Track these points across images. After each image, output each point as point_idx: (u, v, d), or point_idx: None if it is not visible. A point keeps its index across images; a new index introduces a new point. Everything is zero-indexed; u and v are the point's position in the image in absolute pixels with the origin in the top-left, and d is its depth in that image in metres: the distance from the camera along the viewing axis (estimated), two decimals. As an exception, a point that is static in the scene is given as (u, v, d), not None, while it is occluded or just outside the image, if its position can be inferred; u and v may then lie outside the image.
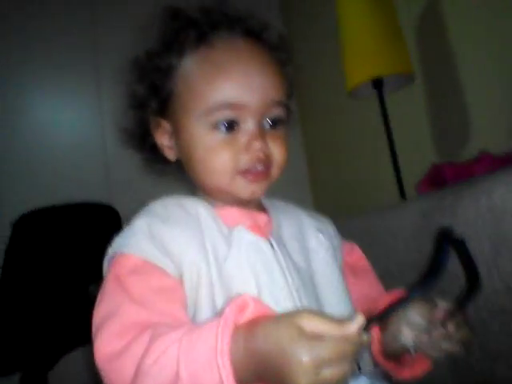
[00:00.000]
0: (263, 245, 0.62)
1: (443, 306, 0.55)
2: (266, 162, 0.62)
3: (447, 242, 0.48)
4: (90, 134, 2.24)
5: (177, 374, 0.46)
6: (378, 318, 0.46)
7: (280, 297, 0.58)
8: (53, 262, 1.61)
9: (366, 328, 0.43)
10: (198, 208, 0.63)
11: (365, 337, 0.43)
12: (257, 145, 0.60)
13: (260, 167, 0.61)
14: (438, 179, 1.21)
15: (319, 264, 0.66)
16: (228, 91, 0.60)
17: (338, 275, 0.67)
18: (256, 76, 0.62)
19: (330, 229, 0.73)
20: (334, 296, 0.64)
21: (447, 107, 1.50)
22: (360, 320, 0.43)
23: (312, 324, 0.43)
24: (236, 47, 0.63)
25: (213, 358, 0.45)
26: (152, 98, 0.66)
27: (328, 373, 0.41)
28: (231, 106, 0.60)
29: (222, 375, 0.44)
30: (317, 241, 0.68)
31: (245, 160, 0.61)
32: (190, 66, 0.63)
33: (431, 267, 0.48)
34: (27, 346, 1.51)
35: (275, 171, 0.64)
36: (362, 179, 1.98)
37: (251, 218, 0.65)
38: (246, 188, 0.62)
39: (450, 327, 0.55)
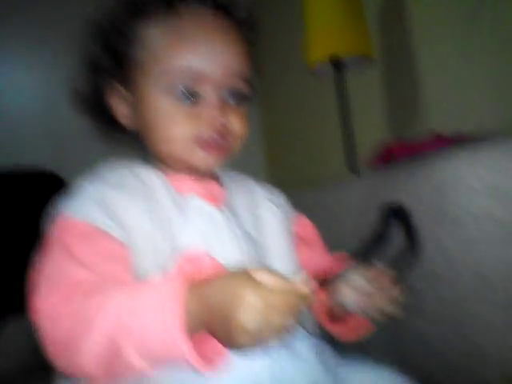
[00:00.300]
0: (216, 214, 0.62)
1: (383, 269, 0.59)
2: (225, 134, 0.62)
3: (394, 215, 0.51)
4: (35, 94, 2.12)
5: (122, 323, 0.46)
6: (323, 281, 0.48)
7: (231, 264, 0.57)
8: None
9: (316, 287, 0.45)
10: (149, 175, 0.63)
11: (309, 290, 0.44)
12: (217, 116, 0.61)
13: (219, 139, 0.61)
14: (389, 158, 1.26)
15: (270, 234, 0.67)
16: (191, 59, 0.60)
17: (288, 245, 0.68)
18: (221, 48, 0.61)
19: (282, 200, 0.74)
20: (283, 265, 0.65)
21: (403, 90, 1.56)
22: (304, 277, 0.45)
23: (264, 276, 0.45)
24: (204, 19, 0.63)
25: (163, 305, 0.45)
26: (111, 63, 0.64)
27: (273, 320, 0.42)
28: (193, 74, 0.60)
29: (172, 322, 0.44)
30: (269, 211, 0.69)
31: (203, 130, 0.60)
32: (155, 34, 0.62)
33: (376, 236, 0.51)
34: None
35: (234, 144, 0.64)
36: (317, 155, 2.02)
37: (205, 187, 0.65)
38: (203, 159, 0.62)
39: (389, 289, 0.58)
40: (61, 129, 2.06)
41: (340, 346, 0.71)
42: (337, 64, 1.46)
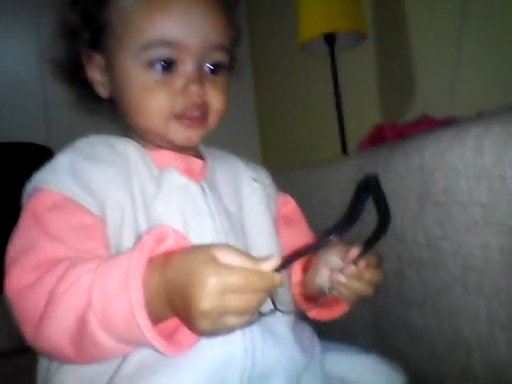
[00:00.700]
0: (193, 188, 0.61)
1: (356, 247, 0.57)
2: (203, 107, 0.60)
3: (367, 189, 0.49)
4: (27, 70, 2.11)
5: (89, 299, 0.46)
6: (290, 260, 0.46)
7: (208, 240, 0.57)
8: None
9: (281, 268, 0.44)
10: (127, 147, 0.61)
11: (277, 276, 0.43)
12: (194, 88, 0.58)
13: (196, 112, 0.59)
14: (380, 139, 1.24)
15: (251, 211, 0.66)
16: (166, 28, 0.57)
17: (269, 224, 0.67)
18: (198, 16, 0.59)
19: (266, 179, 0.73)
20: (263, 243, 0.64)
21: (395, 69, 1.53)
22: (274, 260, 0.43)
23: (227, 256, 0.43)
24: None
25: (125, 282, 0.44)
26: (85, 28, 0.62)
27: (232, 301, 0.41)
28: (169, 43, 0.57)
29: (132, 299, 0.43)
30: (251, 189, 0.68)
31: (180, 103, 0.59)
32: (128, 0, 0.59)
33: (349, 212, 0.49)
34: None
35: (212, 118, 0.62)
36: (309, 134, 2.00)
37: (184, 161, 0.63)
38: (180, 133, 0.60)
39: (362, 268, 0.57)
40: (51, 102, 2.04)
41: (323, 331, 0.71)
42: (330, 39, 1.43)
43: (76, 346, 0.48)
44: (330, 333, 1.09)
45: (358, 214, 0.47)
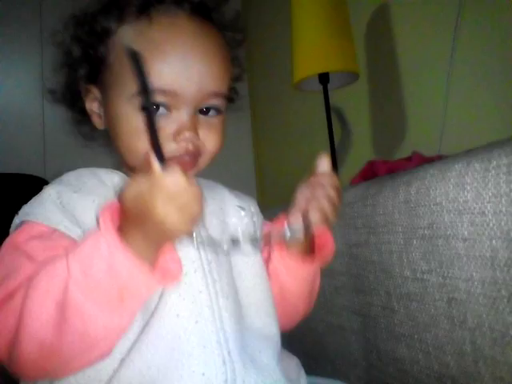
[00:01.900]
0: None
1: (325, 156, 0.65)
2: (195, 152, 0.59)
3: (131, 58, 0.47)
4: (29, 104, 2.16)
5: (67, 272, 0.47)
6: None
7: (191, 269, 0.58)
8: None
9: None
10: (113, 178, 0.62)
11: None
12: (186, 135, 0.58)
13: (187, 158, 0.59)
14: (371, 175, 1.26)
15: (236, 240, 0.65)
16: (162, 76, 0.56)
17: (255, 258, 0.66)
18: (196, 62, 0.57)
19: (253, 207, 0.73)
20: (248, 270, 0.65)
21: (387, 107, 1.57)
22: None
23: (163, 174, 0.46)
24: (179, 25, 0.59)
25: (97, 239, 0.47)
26: (83, 62, 0.63)
27: (181, 200, 0.46)
28: (164, 92, 0.56)
29: (108, 240, 0.47)
30: (237, 217, 0.68)
31: (171, 149, 0.57)
32: (125, 38, 0.59)
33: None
34: None
35: (203, 160, 0.62)
36: (304, 168, 2.02)
37: None
38: None
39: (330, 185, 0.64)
40: (52, 138, 2.08)
41: (312, 366, 0.71)
42: (323, 78, 1.47)
43: (59, 335, 0.47)
44: (320, 368, 1.09)
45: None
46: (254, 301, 0.63)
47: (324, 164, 0.68)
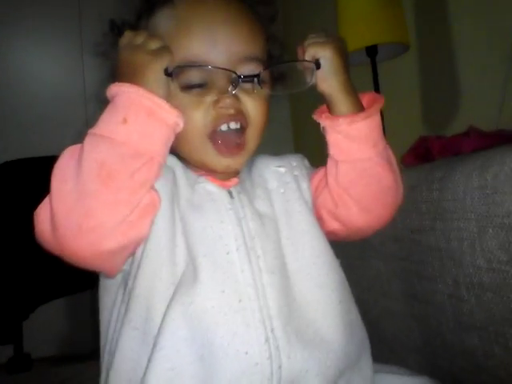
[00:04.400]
0: (221, 195, 0.60)
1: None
2: (240, 117, 0.58)
3: None
4: (71, 87, 2.21)
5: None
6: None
7: (233, 247, 0.57)
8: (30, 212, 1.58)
9: None
10: (170, 159, 0.61)
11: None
12: (226, 101, 0.57)
13: (232, 136, 0.58)
14: (424, 152, 1.21)
15: (281, 205, 0.64)
16: (191, 50, 0.57)
17: (302, 213, 0.64)
18: (222, 31, 0.58)
19: (295, 162, 0.70)
20: (299, 235, 0.62)
21: (439, 80, 1.50)
22: None
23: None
24: (201, 1, 0.60)
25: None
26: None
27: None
28: (196, 64, 0.57)
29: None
30: (277, 179, 0.66)
31: (212, 118, 0.58)
32: (156, 26, 0.61)
33: None
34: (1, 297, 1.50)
35: (251, 135, 0.60)
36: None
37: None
38: (219, 161, 0.59)
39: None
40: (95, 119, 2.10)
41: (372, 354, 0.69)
42: (371, 51, 1.41)
43: (105, 176, 0.52)
44: (377, 351, 1.07)
45: None
46: (306, 262, 0.61)
47: None
